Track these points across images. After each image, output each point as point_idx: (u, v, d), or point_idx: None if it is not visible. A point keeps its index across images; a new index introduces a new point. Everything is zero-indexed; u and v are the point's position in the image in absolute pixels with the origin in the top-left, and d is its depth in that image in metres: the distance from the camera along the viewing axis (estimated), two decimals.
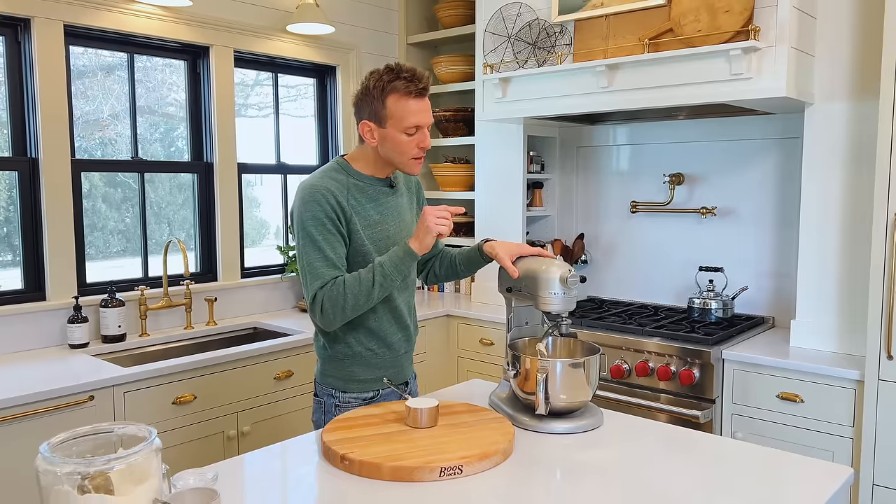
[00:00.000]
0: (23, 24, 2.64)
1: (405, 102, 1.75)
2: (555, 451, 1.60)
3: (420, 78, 1.77)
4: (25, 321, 2.64)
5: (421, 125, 1.78)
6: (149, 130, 3.15)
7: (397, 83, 1.75)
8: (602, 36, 2.76)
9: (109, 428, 1.21)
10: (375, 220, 1.84)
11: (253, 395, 2.70)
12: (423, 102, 1.79)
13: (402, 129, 1.77)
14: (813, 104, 2.58)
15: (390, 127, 1.77)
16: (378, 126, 1.79)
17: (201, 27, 3.11)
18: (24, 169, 2.68)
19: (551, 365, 1.70)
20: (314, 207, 1.75)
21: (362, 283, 1.73)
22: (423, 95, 1.78)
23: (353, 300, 1.72)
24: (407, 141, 1.78)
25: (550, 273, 1.77)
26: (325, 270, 1.74)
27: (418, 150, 1.80)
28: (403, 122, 1.76)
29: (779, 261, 3.03)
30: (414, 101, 1.76)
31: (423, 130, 1.80)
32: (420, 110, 1.77)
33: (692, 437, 1.70)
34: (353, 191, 1.82)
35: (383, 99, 1.76)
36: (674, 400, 2.68)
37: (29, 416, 2.13)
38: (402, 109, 1.75)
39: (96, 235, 3.00)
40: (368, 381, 1.88)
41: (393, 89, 1.75)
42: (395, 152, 1.79)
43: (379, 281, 1.73)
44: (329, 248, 1.75)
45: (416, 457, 1.48)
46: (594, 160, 3.57)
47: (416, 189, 2.05)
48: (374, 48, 3.88)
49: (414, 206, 2.01)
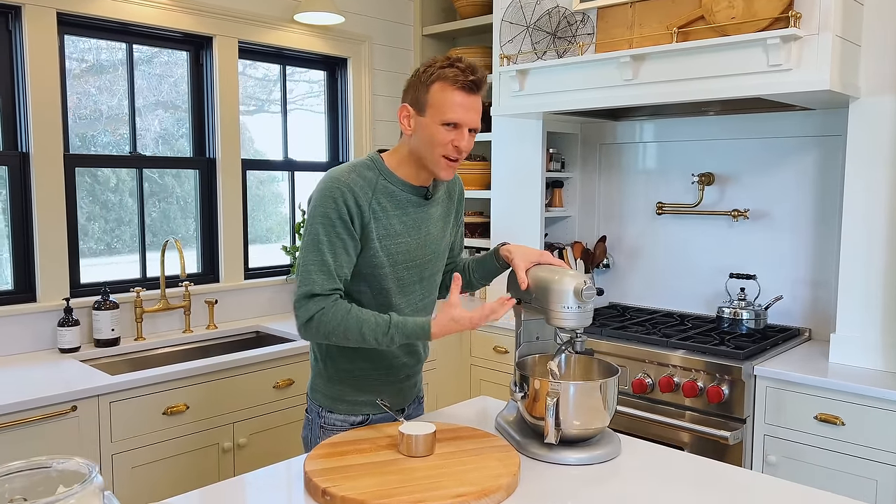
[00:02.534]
0: (13, 12, 2.52)
1: (450, 92, 1.56)
2: (564, 485, 1.42)
3: (474, 71, 1.57)
4: (15, 323, 2.52)
5: (461, 123, 1.57)
6: (174, 126, 3.02)
7: (447, 71, 1.56)
8: (627, 25, 2.56)
9: (48, 462, 1.06)
10: (396, 232, 1.64)
11: (251, 404, 2.55)
12: (471, 99, 1.58)
13: (439, 121, 1.56)
14: (858, 98, 2.36)
15: (429, 116, 1.57)
16: (417, 113, 1.60)
17: (204, 16, 2.96)
18: (14, 164, 2.56)
19: (563, 388, 1.52)
20: (329, 204, 1.57)
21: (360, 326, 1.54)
22: (472, 91, 1.57)
23: (341, 335, 1.55)
24: (442, 135, 1.56)
25: (564, 285, 1.58)
26: (317, 277, 1.56)
27: (452, 150, 1.58)
28: (443, 112, 1.56)
29: (816, 268, 2.81)
30: (460, 93, 1.56)
31: (463, 130, 1.58)
32: (464, 105, 1.56)
33: (719, 471, 1.50)
34: (380, 194, 1.62)
35: (429, 85, 1.57)
36: (700, 419, 2.47)
37: (6, 428, 1.99)
38: (444, 99, 1.56)
39: (123, 230, 2.92)
40: (358, 403, 1.70)
41: (441, 76, 1.56)
42: (427, 146, 1.59)
43: (385, 342, 1.55)
44: (330, 254, 1.57)
45: (407, 493, 1.31)
46: (618, 158, 3.37)
47: (459, 199, 1.84)
48: (387, 39, 3.71)
49: (451, 217, 1.81)
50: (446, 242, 1.78)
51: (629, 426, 2.61)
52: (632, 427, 2.61)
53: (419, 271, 1.70)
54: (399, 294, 1.67)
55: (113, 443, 2.22)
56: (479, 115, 1.61)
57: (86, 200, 2.81)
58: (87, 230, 2.82)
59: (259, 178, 3.36)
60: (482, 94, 1.62)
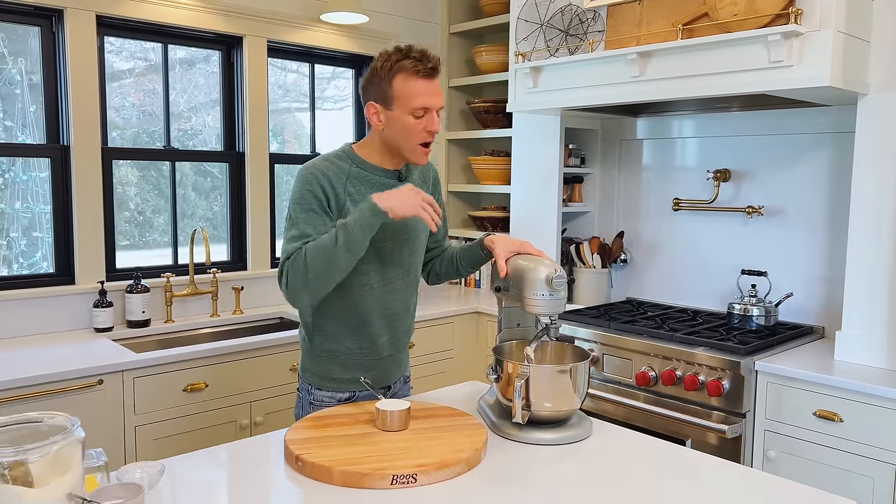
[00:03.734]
0: (56, 15, 2.72)
1: (413, 82, 1.67)
2: (524, 464, 1.49)
3: (429, 58, 1.68)
4: (55, 304, 2.73)
5: (429, 107, 1.68)
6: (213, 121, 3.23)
7: (405, 62, 1.67)
8: (635, 22, 2.60)
9: (38, 417, 1.19)
10: None
11: (268, 385, 2.69)
12: (432, 84, 1.69)
13: (408, 111, 1.68)
14: (867, 94, 2.35)
15: (396, 108, 1.69)
16: (384, 108, 1.71)
17: (235, 17, 3.12)
18: (56, 156, 2.76)
19: (532, 371, 1.59)
20: (302, 188, 1.70)
21: (324, 246, 1.61)
22: (431, 76, 1.69)
23: (314, 266, 1.60)
24: (414, 124, 1.68)
25: (537, 273, 1.65)
26: (293, 245, 1.66)
27: (426, 135, 1.70)
28: (410, 102, 1.67)
29: (831, 265, 2.78)
30: (422, 81, 1.67)
31: (432, 113, 1.69)
32: (428, 91, 1.68)
33: (683, 457, 1.55)
34: (354, 180, 1.74)
35: (390, 79, 1.68)
36: (700, 412, 2.50)
37: (37, 397, 2.18)
38: (409, 90, 1.67)
39: (186, 222, 3.16)
40: (345, 381, 1.81)
41: (400, 69, 1.67)
42: (402, 136, 1.70)
43: (343, 242, 1.59)
44: (306, 225, 1.67)
45: (372, 462, 1.41)
46: (637, 154, 3.39)
47: (434, 184, 1.95)
48: (414, 37, 3.81)
49: None
50: (423, 224, 1.87)
51: (631, 417, 2.66)
52: (634, 418, 2.65)
53: (398, 249, 1.80)
54: (378, 272, 1.77)
55: (136, 415, 2.38)
56: (442, 96, 1.71)
57: (151, 193, 3.04)
58: (153, 222, 3.08)
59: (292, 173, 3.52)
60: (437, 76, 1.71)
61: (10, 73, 2.70)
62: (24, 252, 2.77)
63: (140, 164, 3.03)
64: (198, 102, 3.17)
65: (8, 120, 2.71)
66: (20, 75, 2.72)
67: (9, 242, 2.74)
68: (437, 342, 3.27)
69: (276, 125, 3.51)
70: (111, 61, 2.94)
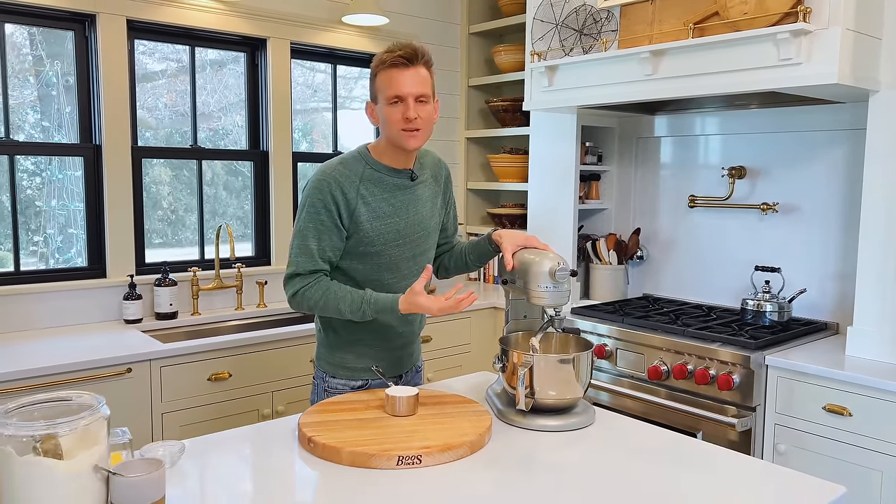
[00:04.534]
0: (89, 20, 2.84)
1: (388, 72, 1.74)
2: (527, 449, 1.55)
3: (404, 47, 1.74)
4: (87, 296, 2.85)
5: (402, 95, 1.73)
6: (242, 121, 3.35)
7: (382, 56, 1.75)
8: (648, 21, 2.64)
9: (67, 396, 1.29)
10: (385, 213, 1.81)
11: (289, 375, 2.79)
12: (407, 72, 1.73)
13: (386, 101, 1.75)
14: (878, 91, 2.36)
15: (380, 101, 1.78)
16: (374, 104, 1.81)
17: (259, 20, 3.22)
18: (88, 155, 2.89)
19: (535, 360, 1.65)
20: (316, 196, 1.77)
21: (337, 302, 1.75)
22: (405, 65, 1.73)
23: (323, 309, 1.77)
24: (392, 112, 1.74)
25: (542, 266, 1.71)
26: (300, 260, 1.77)
27: (404, 122, 1.73)
28: (386, 91, 1.75)
29: (845, 262, 2.79)
30: (396, 70, 1.73)
31: (408, 101, 1.73)
32: (400, 80, 1.72)
33: (683, 445, 1.60)
34: (367, 182, 1.80)
35: (374, 77, 1.78)
36: (711, 405, 2.53)
37: (70, 383, 2.29)
38: (385, 80, 1.75)
39: (217, 220, 3.28)
40: (358, 369, 1.89)
41: (378, 63, 1.76)
42: (387, 127, 1.77)
43: (358, 316, 1.75)
44: (314, 240, 1.76)
45: (378, 444, 1.48)
46: (653, 151, 3.42)
47: (445, 182, 2.01)
48: (435, 38, 3.88)
49: (438, 199, 1.97)
50: (436, 222, 1.94)
51: (643, 411, 2.70)
52: (646, 412, 2.69)
53: (410, 248, 1.87)
54: (390, 270, 1.84)
55: (163, 403, 2.49)
56: (423, 83, 1.75)
57: (184, 192, 3.16)
58: (185, 220, 3.22)
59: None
60: (422, 65, 1.75)
61: (47, 75, 2.83)
62: (59, 248, 2.90)
63: (172, 164, 3.15)
64: (228, 103, 3.28)
65: (45, 121, 2.85)
66: (56, 77, 2.85)
67: (45, 239, 2.87)
68: (454, 336, 3.34)
69: (305, 125, 3.62)
70: (144, 63, 3.06)
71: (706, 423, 2.52)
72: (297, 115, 3.55)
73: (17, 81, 2.77)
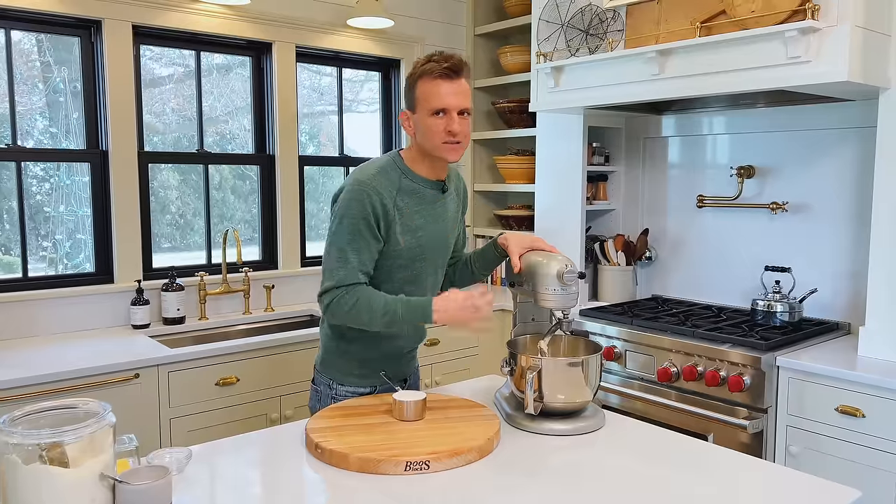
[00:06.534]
0: (95, 26, 2.84)
1: (431, 83, 1.71)
2: (536, 453, 1.54)
3: (449, 59, 1.71)
4: (95, 302, 2.85)
5: (447, 108, 1.70)
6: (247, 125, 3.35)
7: (426, 66, 1.72)
8: (654, 20, 2.62)
9: (74, 404, 1.28)
10: (417, 226, 1.79)
11: (298, 379, 2.78)
12: (452, 84, 1.70)
13: (428, 112, 1.71)
14: (888, 89, 2.33)
15: (419, 111, 1.73)
16: (412, 113, 1.76)
17: (264, 24, 3.22)
18: (95, 161, 2.89)
19: (544, 363, 1.64)
20: (356, 207, 1.71)
21: (370, 310, 1.70)
22: (450, 77, 1.70)
23: (356, 320, 1.72)
24: (434, 124, 1.71)
25: (549, 268, 1.70)
26: (340, 273, 1.72)
27: (445, 135, 1.70)
28: (429, 103, 1.70)
29: (857, 261, 2.76)
30: (441, 81, 1.70)
31: (451, 114, 1.70)
32: (446, 92, 1.70)
33: (693, 448, 1.58)
34: (404, 193, 1.77)
35: (414, 85, 1.74)
36: (722, 407, 2.51)
37: (78, 390, 2.29)
38: (428, 91, 1.71)
39: (225, 224, 3.29)
40: (367, 376, 1.87)
41: (422, 73, 1.72)
42: (426, 138, 1.73)
43: (386, 321, 1.70)
44: (353, 253, 1.72)
45: (386, 449, 1.47)
46: (661, 151, 3.40)
47: (463, 197, 1.99)
48: (440, 40, 3.87)
49: (459, 212, 1.96)
50: (453, 237, 1.93)
51: (653, 413, 2.68)
52: (656, 414, 2.67)
53: (433, 262, 1.86)
54: (412, 283, 1.83)
55: (171, 408, 2.49)
56: (466, 97, 1.73)
57: (192, 197, 3.17)
58: (194, 225, 3.23)
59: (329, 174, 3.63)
60: (464, 78, 1.73)
61: (55, 81, 2.84)
62: (68, 253, 2.91)
63: (181, 169, 3.16)
64: (235, 107, 3.28)
65: (53, 127, 2.85)
66: (64, 84, 2.85)
67: (55, 244, 2.88)
68: (462, 340, 3.32)
69: (312, 128, 3.62)
70: (152, 68, 3.07)
71: (717, 426, 2.50)
72: (304, 119, 3.55)
73: (26, 88, 2.78)
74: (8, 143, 2.73)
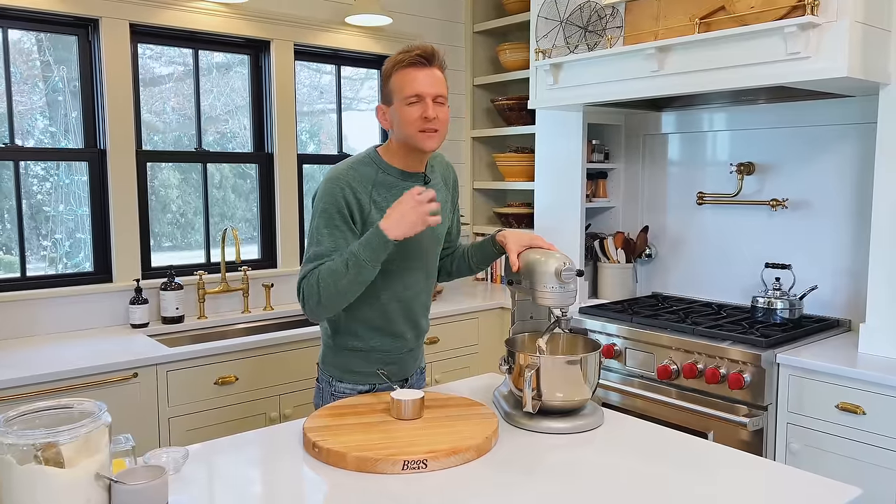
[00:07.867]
0: (92, 25, 2.83)
1: (404, 72, 1.71)
2: (534, 451, 1.53)
3: (421, 48, 1.71)
4: (93, 301, 2.85)
5: (421, 94, 1.69)
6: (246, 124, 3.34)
7: (398, 57, 1.72)
8: (653, 17, 2.61)
9: (69, 403, 1.27)
10: None
11: (297, 378, 2.78)
12: (425, 72, 1.70)
13: (403, 100, 1.70)
14: (889, 84, 2.32)
15: (395, 102, 1.73)
16: (387, 106, 1.76)
17: (262, 22, 3.21)
18: (93, 159, 2.88)
19: (542, 361, 1.63)
20: (328, 199, 1.73)
21: (335, 271, 1.66)
22: (423, 65, 1.70)
23: (327, 291, 1.67)
24: (410, 112, 1.70)
25: (547, 266, 1.69)
26: (308, 267, 1.71)
27: (422, 122, 1.69)
28: (403, 92, 1.70)
29: (857, 258, 2.76)
30: (413, 69, 1.70)
31: (426, 100, 1.70)
32: (419, 79, 1.69)
33: (693, 446, 1.58)
34: (379, 186, 1.77)
35: (388, 77, 1.74)
36: (722, 405, 2.50)
37: (76, 389, 2.29)
38: (401, 80, 1.71)
39: (226, 223, 3.28)
40: (366, 373, 1.86)
41: (395, 63, 1.72)
42: (402, 127, 1.72)
43: (353, 270, 1.65)
44: (329, 242, 1.71)
45: (383, 448, 1.46)
46: (660, 148, 3.39)
47: (454, 186, 1.98)
48: (439, 37, 3.86)
49: (449, 204, 1.95)
50: (444, 228, 1.91)
51: (653, 411, 2.67)
52: (656, 412, 2.66)
53: (422, 255, 1.84)
54: (400, 276, 1.82)
55: (170, 407, 2.48)
56: (440, 84, 1.72)
57: (192, 196, 3.17)
58: (194, 224, 3.23)
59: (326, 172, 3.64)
60: (438, 66, 1.73)
61: (53, 80, 2.83)
62: (67, 253, 2.90)
63: (181, 167, 3.15)
64: (234, 106, 3.27)
65: (53, 126, 2.85)
66: (63, 83, 2.85)
67: (54, 243, 2.87)
68: (461, 337, 3.32)
69: (312, 126, 3.61)
70: (151, 66, 3.06)
71: (717, 423, 2.49)
72: (305, 117, 3.54)
73: (26, 87, 2.77)
74: (6, 143, 2.72)
